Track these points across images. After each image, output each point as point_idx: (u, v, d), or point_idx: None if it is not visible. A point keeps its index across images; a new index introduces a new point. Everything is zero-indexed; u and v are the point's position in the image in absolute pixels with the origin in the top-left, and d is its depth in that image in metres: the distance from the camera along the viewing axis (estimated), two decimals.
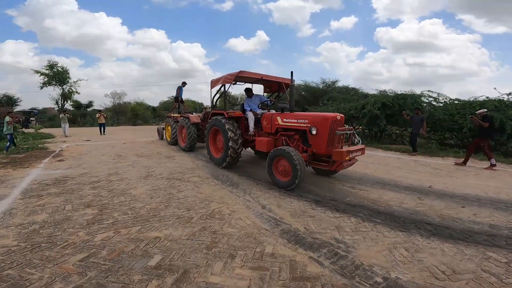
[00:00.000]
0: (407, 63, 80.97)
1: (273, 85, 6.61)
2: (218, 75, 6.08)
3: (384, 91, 13.79)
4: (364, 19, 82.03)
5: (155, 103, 35.44)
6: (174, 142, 9.41)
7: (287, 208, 3.71)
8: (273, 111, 5.65)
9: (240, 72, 5.44)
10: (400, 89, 14.32)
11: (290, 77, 5.03)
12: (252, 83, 6.45)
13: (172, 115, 10.15)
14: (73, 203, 3.73)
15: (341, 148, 4.50)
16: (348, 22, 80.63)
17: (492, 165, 6.61)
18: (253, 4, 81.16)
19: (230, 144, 5.49)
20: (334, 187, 4.71)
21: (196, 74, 78.78)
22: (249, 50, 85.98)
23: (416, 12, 79.40)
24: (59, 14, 63.65)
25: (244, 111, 6.06)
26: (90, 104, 32.44)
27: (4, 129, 8.48)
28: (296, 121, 4.74)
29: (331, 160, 4.36)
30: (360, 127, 12.36)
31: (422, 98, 11.45)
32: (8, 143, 8.29)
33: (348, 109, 11.89)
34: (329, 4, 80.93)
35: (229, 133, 5.47)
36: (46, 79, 26.11)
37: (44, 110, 34.04)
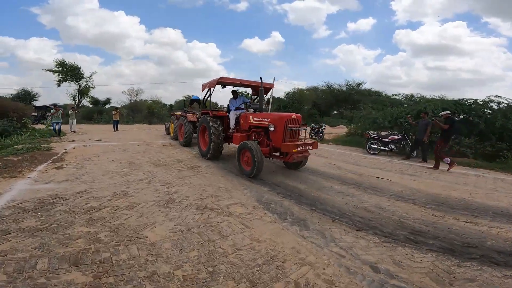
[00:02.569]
0: (427, 67, 76.65)
1: (257, 88, 7.01)
2: (231, 75, 7.33)
3: (412, 95, 12.44)
4: (382, 21, 78.23)
5: (171, 101, 34.33)
6: (175, 138, 10.36)
7: (413, 266, 2.30)
8: (251, 111, 6.14)
9: (221, 78, 6.24)
10: (420, 93, 12.86)
11: (273, 82, 6.62)
12: (239, 86, 7.07)
13: (176, 113, 11.34)
14: (52, 255, 2.23)
15: (297, 142, 5.17)
16: (365, 24, 77.12)
17: (435, 167, 7.00)
18: (268, 4, 79.23)
19: (212, 138, 6.21)
20: (451, 224, 3.42)
21: (210, 74, 77.72)
22: (263, 51, 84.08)
23: (439, 14, 74.86)
24: (80, 12, 64.37)
25: (229, 111, 6.72)
26: (107, 101, 31.80)
27: (52, 120, 11.32)
28: (262, 119, 5.40)
29: (283, 152, 5.09)
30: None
31: (492, 104, 9.54)
32: (59, 129, 11.15)
33: (397, 115, 10.04)
34: (346, 5, 77.75)
35: (212, 129, 6.17)
36: (61, 76, 25.64)
37: (65, 106, 33.89)
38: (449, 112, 7.14)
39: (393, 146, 9.10)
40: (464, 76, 76.54)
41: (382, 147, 9.17)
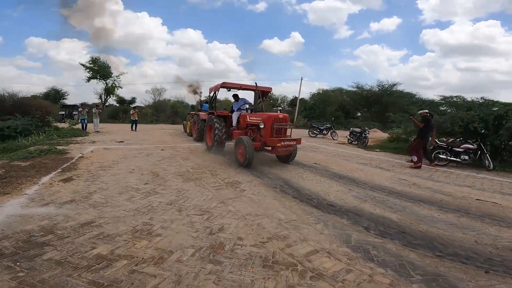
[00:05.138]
0: (458, 68, 70.73)
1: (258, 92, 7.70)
2: (252, 76, 7.75)
3: (451, 97, 11.00)
4: (408, 20, 73.09)
5: (193, 102, 33.82)
6: (191, 134, 11.52)
7: None
8: (249, 111, 7.06)
9: (223, 83, 7.24)
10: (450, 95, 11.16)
11: (267, 86, 7.76)
12: (239, 90, 7.74)
13: (191, 112, 12.66)
14: None
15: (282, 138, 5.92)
16: (390, 23, 72.36)
17: (414, 162, 7.07)
18: (287, 5, 76.98)
19: (216, 132, 7.09)
20: None
21: (230, 75, 76.88)
22: (283, 51, 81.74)
23: (470, 13, 68.92)
24: (107, 13, 66.30)
25: (233, 111, 7.51)
26: (133, 100, 31.81)
27: (79, 117, 12.83)
28: (255, 118, 6.33)
29: (270, 146, 5.90)
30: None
31: None
32: (85, 126, 12.53)
33: (469, 119, 8.21)
34: (369, 4, 73.51)
35: (216, 126, 7.10)
36: (91, 73, 25.85)
37: (93, 105, 34.40)
38: (426, 111, 7.33)
39: (466, 157, 7.37)
40: (499, 78, 70.07)
41: (452, 158, 7.47)
